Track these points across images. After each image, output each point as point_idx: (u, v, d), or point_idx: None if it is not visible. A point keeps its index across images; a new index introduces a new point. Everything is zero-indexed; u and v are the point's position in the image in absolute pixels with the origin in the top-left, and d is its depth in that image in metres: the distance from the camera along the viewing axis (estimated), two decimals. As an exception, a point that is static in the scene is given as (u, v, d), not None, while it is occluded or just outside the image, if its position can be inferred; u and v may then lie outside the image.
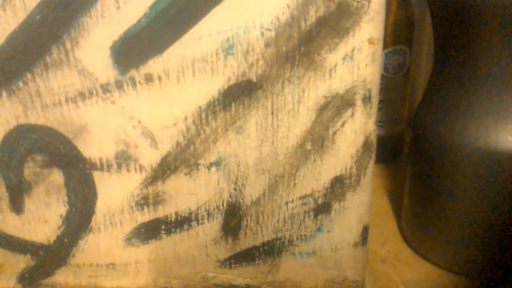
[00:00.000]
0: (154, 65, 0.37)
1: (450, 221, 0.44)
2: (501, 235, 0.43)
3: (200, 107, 0.38)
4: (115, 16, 0.35)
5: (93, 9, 0.35)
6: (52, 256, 0.43)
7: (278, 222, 0.42)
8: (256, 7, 0.35)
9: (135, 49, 0.36)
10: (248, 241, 0.43)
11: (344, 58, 0.37)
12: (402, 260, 0.49)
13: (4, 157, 0.40)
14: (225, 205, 0.41)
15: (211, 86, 0.37)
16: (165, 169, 0.40)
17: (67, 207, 0.41)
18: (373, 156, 0.40)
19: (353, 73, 0.37)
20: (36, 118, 0.38)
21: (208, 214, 0.41)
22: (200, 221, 0.42)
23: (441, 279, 0.46)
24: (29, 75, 0.37)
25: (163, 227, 0.42)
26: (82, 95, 0.37)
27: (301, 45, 0.36)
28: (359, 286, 0.44)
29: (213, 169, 0.40)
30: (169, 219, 0.42)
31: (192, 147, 0.39)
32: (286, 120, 0.39)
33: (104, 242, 0.42)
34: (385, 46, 0.59)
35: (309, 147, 0.40)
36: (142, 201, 0.41)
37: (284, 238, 0.43)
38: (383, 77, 0.61)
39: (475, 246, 0.44)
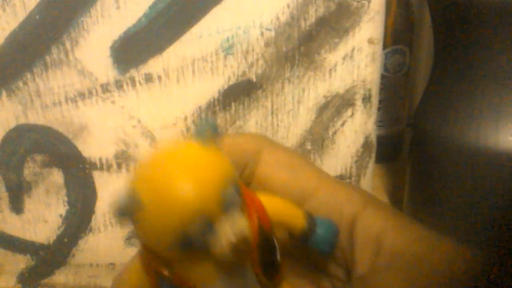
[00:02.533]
0: (154, 65, 0.37)
1: (451, 221, 0.44)
2: (501, 235, 0.43)
3: (200, 107, 0.38)
4: (115, 16, 0.35)
5: (93, 9, 0.35)
6: (52, 256, 0.43)
7: (278, 222, 0.42)
8: (256, 7, 0.35)
9: (135, 49, 0.36)
10: (248, 241, 0.43)
11: (344, 58, 0.37)
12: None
13: (4, 157, 0.40)
14: (225, 205, 0.41)
15: (211, 86, 0.37)
16: (165, 169, 0.40)
17: (67, 207, 0.41)
18: (373, 156, 0.40)
19: (353, 73, 0.37)
20: (36, 118, 0.38)
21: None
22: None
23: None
24: (29, 75, 0.37)
25: (163, 227, 0.42)
26: (82, 95, 0.37)
27: (301, 45, 0.36)
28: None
29: (213, 169, 0.40)
30: (169, 219, 0.42)
31: (192, 147, 0.39)
32: (286, 120, 0.39)
33: (104, 242, 0.42)
34: (385, 46, 0.59)
35: (309, 147, 0.39)
36: (142, 201, 0.41)
37: (284, 238, 0.43)
38: (383, 77, 0.61)
39: (475, 246, 0.44)
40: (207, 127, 0.19)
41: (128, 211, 0.18)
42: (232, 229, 0.18)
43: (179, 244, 0.18)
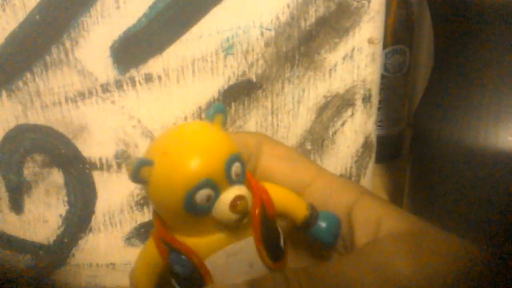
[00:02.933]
0: (154, 65, 0.37)
1: (450, 221, 0.44)
2: (501, 234, 0.43)
3: (200, 107, 0.38)
4: (115, 16, 0.35)
5: (93, 9, 0.35)
6: (52, 256, 0.43)
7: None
8: (256, 7, 0.35)
9: (135, 49, 0.36)
10: (248, 241, 0.43)
11: (344, 58, 0.37)
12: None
13: (4, 157, 0.40)
14: (225, 205, 0.41)
15: (211, 86, 0.37)
16: (165, 169, 0.40)
17: (67, 207, 0.41)
18: (373, 156, 0.40)
19: (353, 73, 0.37)
20: (36, 118, 0.38)
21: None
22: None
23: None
24: (29, 75, 0.37)
25: (163, 227, 0.42)
26: (81, 95, 0.37)
27: (301, 45, 0.36)
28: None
29: (213, 169, 0.40)
30: (169, 219, 0.42)
31: (192, 147, 0.39)
32: (286, 120, 0.39)
33: (104, 242, 0.42)
34: (385, 46, 0.59)
35: (309, 147, 0.40)
36: (142, 201, 0.41)
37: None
38: (383, 77, 0.61)
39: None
40: (216, 109, 0.22)
41: (140, 169, 0.20)
42: (233, 193, 0.20)
43: (184, 205, 0.20)
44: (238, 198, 0.20)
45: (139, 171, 0.20)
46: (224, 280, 0.21)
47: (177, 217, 0.21)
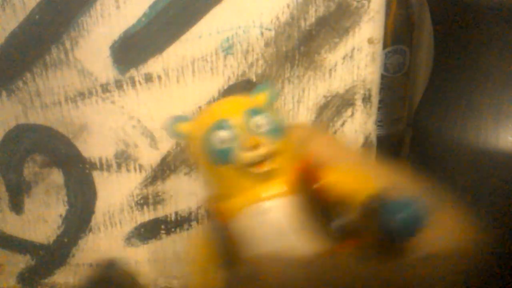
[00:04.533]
0: (154, 65, 0.37)
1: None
2: (500, 234, 0.43)
3: (200, 107, 0.38)
4: (115, 16, 0.35)
5: (93, 9, 0.35)
6: (52, 256, 0.43)
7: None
8: (256, 7, 0.35)
9: (135, 49, 0.36)
10: (248, 241, 0.43)
11: (344, 58, 0.37)
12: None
13: (4, 157, 0.40)
14: (225, 205, 0.41)
15: (211, 86, 0.37)
16: (165, 168, 0.40)
17: (67, 207, 0.41)
18: (373, 156, 0.40)
19: (353, 72, 0.37)
20: (35, 118, 0.38)
21: (209, 214, 0.41)
22: (200, 220, 0.42)
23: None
24: (28, 75, 0.37)
25: (163, 227, 0.42)
26: (81, 94, 0.37)
27: (301, 45, 0.36)
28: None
29: (213, 169, 0.40)
30: (169, 219, 0.42)
31: (192, 147, 0.39)
32: (285, 119, 0.39)
33: (104, 242, 0.42)
34: (385, 46, 0.59)
35: (309, 147, 0.39)
36: (142, 201, 0.41)
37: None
38: (383, 77, 0.61)
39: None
40: (258, 89, 0.23)
41: (175, 125, 0.23)
42: (250, 137, 0.21)
43: (205, 147, 0.21)
44: (251, 137, 0.20)
45: (175, 127, 0.23)
46: (252, 246, 0.20)
47: (206, 169, 0.22)
